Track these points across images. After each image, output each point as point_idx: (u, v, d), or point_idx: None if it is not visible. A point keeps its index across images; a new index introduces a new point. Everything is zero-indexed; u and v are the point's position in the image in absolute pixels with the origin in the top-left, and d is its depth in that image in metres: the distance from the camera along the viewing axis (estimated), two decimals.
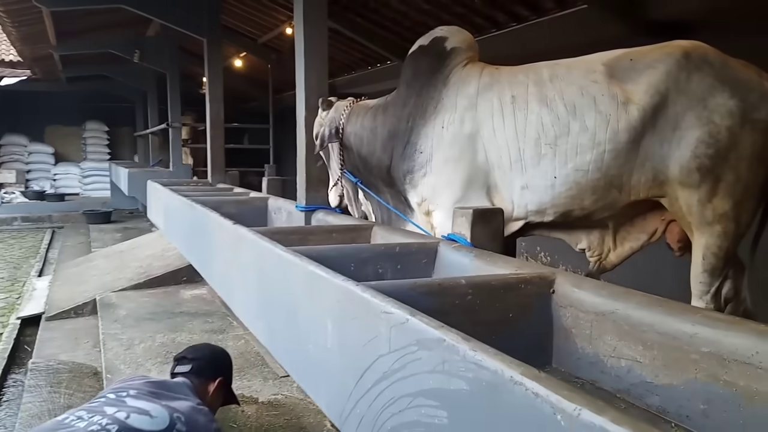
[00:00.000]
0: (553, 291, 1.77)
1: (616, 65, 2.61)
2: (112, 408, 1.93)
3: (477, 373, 0.97)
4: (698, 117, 2.44)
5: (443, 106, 2.87)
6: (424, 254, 2.36)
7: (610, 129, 2.54)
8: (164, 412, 2.00)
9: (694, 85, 2.46)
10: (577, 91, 2.61)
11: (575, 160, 2.59)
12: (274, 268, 2.07)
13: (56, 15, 7.39)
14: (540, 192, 2.67)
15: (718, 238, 2.49)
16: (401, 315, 1.23)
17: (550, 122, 2.63)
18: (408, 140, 2.98)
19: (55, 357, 4.77)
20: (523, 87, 2.74)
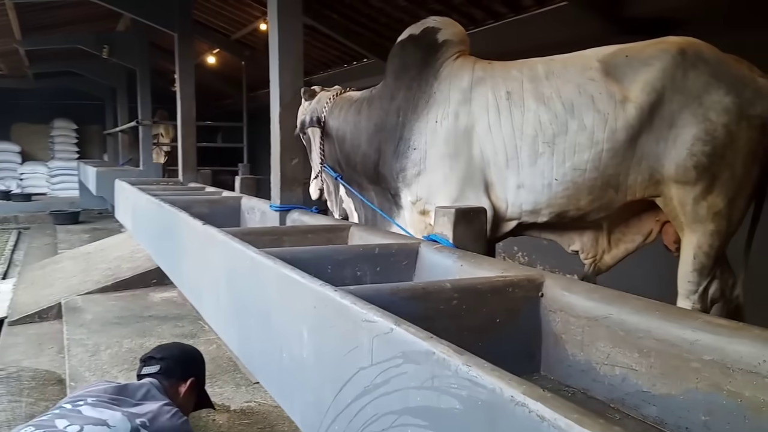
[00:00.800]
0: (541, 294, 1.68)
1: (612, 62, 2.56)
2: (64, 421, 1.80)
3: (472, 391, 0.87)
4: (694, 114, 2.42)
5: (435, 100, 2.76)
6: (404, 255, 2.25)
7: (608, 128, 2.49)
8: (124, 419, 1.87)
9: (690, 82, 2.44)
10: (575, 89, 2.56)
11: (573, 160, 2.54)
12: (246, 271, 1.95)
13: (20, 8, 7.13)
14: (536, 191, 2.61)
15: (710, 236, 2.46)
16: (385, 324, 1.13)
17: (548, 120, 2.57)
18: (400, 136, 2.85)
19: (18, 363, 4.56)
20: (517, 83, 2.67)
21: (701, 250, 2.48)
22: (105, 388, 2.10)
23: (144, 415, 1.93)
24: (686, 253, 2.51)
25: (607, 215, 2.63)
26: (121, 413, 1.89)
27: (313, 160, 3.46)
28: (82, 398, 1.98)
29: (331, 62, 9.30)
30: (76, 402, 1.95)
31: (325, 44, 8.50)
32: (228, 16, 9.17)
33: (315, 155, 3.40)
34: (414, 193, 2.84)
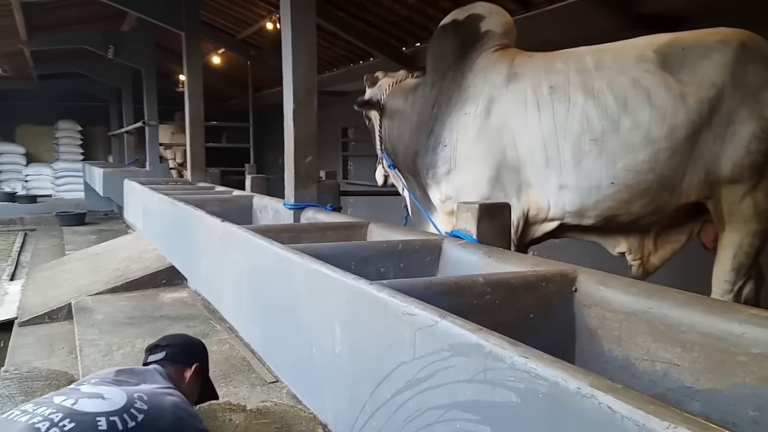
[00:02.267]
0: (575, 289, 1.65)
1: (669, 53, 2.42)
2: (61, 397, 1.77)
3: (531, 384, 0.84)
4: (751, 111, 2.34)
5: (469, 94, 2.67)
6: (427, 252, 2.23)
7: (666, 125, 2.35)
8: (121, 393, 1.83)
9: (749, 77, 2.34)
10: (629, 82, 2.41)
11: (626, 160, 2.39)
12: (271, 267, 1.92)
13: (27, 8, 7.11)
14: (582, 193, 2.47)
15: (752, 236, 2.40)
16: (428, 317, 1.10)
17: (596, 116, 2.42)
18: (432, 129, 2.78)
19: (29, 364, 4.54)
20: (562, 76, 2.55)
21: (742, 250, 2.41)
22: (110, 371, 2.09)
23: (142, 391, 1.90)
24: (726, 252, 2.44)
25: (660, 219, 2.53)
26: (119, 388, 1.87)
27: (375, 145, 3.48)
28: (87, 380, 1.97)
29: (337, 61, 9.27)
30: (80, 383, 1.94)
31: (331, 43, 8.47)
32: (234, 16, 9.15)
33: (376, 141, 3.42)
34: (443, 191, 2.76)
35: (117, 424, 1.69)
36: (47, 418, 1.65)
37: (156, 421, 1.80)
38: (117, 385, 1.90)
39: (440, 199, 2.79)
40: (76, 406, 1.71)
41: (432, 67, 2.89)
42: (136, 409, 1.77)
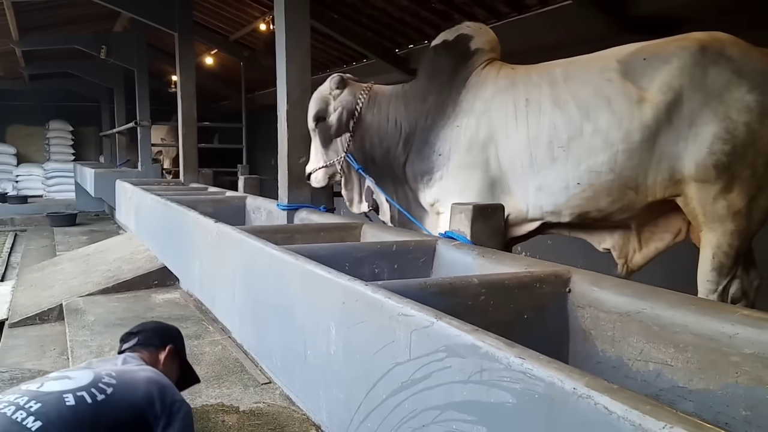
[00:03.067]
0: (569, 290, 1.65)
1: (631, 62, 2.54)
2: (27, 384, 1.76)
3: (527, 384, 0.84)
4: (715, 112, 2.39)
5: (462, 109, 2.86)
6: (421, 253, 2.23)
7: (623, 129, 2.48)
8: (88, 372, 1.80)
9: (709, 79, 2.40)
10: (591, 91, 2.56)
11: (588, 162, 2.54)
12: (265, 268, 1.92)
13: (18, 8, 7.07)
14: (555, 194, 2.64)
15: (730, 236, 2.44)
16: (424, 318, 1.10)
17: (562, 124, 2.58)
18: (426, 139, 2.96)
19: (20, 365, 4.51)
20: (537, 89, 2.69)
21: (720, 250, 2.46)
22: (89, 361, 2.08)
23: (112, 370, 1.86)
24: (705, 252, 2.49)
25: (632, 215, 2.63)
26: (87, 370, 1.84)
27: (328, 148, 3.33)
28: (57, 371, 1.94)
29: (331, 63, 9.27)
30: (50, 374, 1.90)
31: (324, 44, 8.47)
32: (226, 17, 9.13)
33: (337, 145, 3.31)
34: (434, 195, 2.92)
35: (85, 398, 1.67)
36: (12, 403, 1.64)
37: (128, 394, 1.76)
38: (87, 368, 1.88)
39: (430, 202, 2.94)
40: (42, 388, 1.70)
41: (425, 83, 3.04)
42: (104, 384, 1.74)
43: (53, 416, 1.62)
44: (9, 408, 1.63)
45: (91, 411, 1.65)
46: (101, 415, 1.67)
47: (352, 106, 3.22)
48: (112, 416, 1.69)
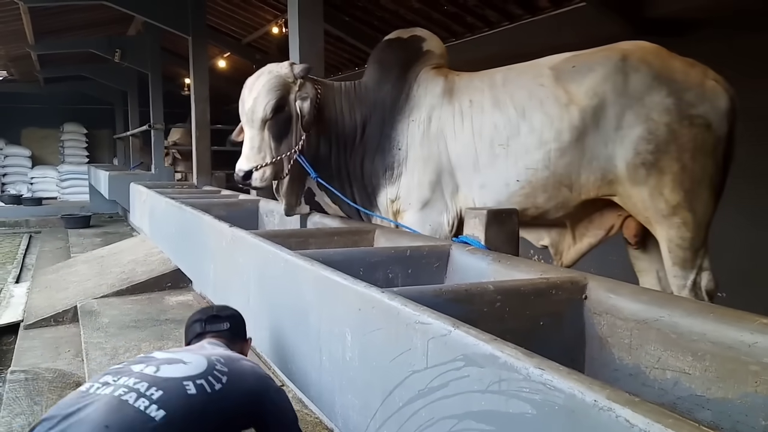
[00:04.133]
0: (585, 297, 1.65)
1: (561, 68, 2.75)
2: (140, 365, 1.64)
3: (547, 396, 0.84)
4: (637, 115, 2.57)
5: (415, 103, 2.93)
6: (435, 258, 2.23)
7: (554, 129, 2.66)
8: (199, 357, 1.68)
9: (631, 85, 2.59)
10: (526, 94, 2.75)
11: (525, 160, 2.71)
12: (280, 273, 1.92)
13: (34, 12, 7.15)
14: (497, 191, 2.78)
15: (678, 229, 2.57)
16: (441, 326, 1.10)
17: (502, 124, 2.76)
18: (386, 133, 2.97)
19: (36, 367, 4.55)
20: (480, 92, 2.87)
21: (673, 243, 2.59)
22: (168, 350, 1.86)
23: (218, 354, 1.74)
24: (662, 248, 2.63)
25: (567, 213, 2.77)
26: (193, 353, 1.71)
27: (282, 143, 2.93)
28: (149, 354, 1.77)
29: (342, 65, 9.29)
30: (147, 355, 1.76)
31: (335, 47, 8.49)
32: (239, 20, 9.18)
33: (291, 140, 2.94)
34: (394, 191, 2.94)
35: (205, 387, 1.58)
36: (132, 389, 1.54)
37: (239, 383, 1.66)
38: (198, 353, 1.74)
39: (391, 198, 2.96)
40: (159, 373, 1.59)
41: (378, 74, 3.06)
42: (218, 371, 1.63)
43: (177, 405, 1.52)
44: (130, 395, 1.53)
45: (208, 400, 1.57)
46: (215, 405, 1.59)
47: (314, 100, 2.95)
48: (224, 406, 1.61)
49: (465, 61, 5.83)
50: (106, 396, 1.53)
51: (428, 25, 6.96)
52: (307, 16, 3.57)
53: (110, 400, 1.51)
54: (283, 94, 2.89)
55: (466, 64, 3.29)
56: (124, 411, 1.49)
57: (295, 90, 2.92)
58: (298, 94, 2.92)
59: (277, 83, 2.89)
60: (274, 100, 2.86)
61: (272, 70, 2.94)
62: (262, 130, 2.91)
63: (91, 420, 1.47)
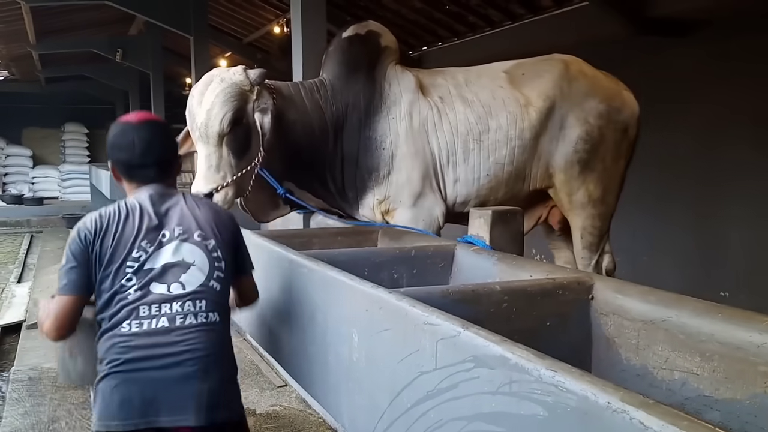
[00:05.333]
0: (591, 297, 1.64)
1: (513, 73, 3.03)
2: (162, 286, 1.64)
3: (559, 398, 0.84)
4: (577, 118, 2.94)
5: (392, 101, 2.93)
6: (440, 258, 2.22)
7: (517, 127, 2.92)
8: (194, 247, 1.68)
9: (573, 91, 2.96)
10: (490, 94, 2.96)
11: (495, 155, 2.93)
12: (286, 273, 1.92)
13: (36, 12, 7.15)
14: (468, 184, 2.95)
15: (591, 218, 3.00)
16: (451, 327, 1.10)
17: (474, 120, 2.92)
18: (363, 134, 2.91)
19: (38, 367, 4.56)
20: (445, 89, 2.99)
21: (586, 231, 3.02)
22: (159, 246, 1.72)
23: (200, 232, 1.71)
24: (575, 233, 3.06)
25: (515, 204, 2.92)
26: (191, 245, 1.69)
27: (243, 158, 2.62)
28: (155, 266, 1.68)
29: None
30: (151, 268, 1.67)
31: None
32: (240, 20, 9.18)
33: (253, 152, 2.64)
34: (382, 192, 2.91)
35: (220, 275, 1.67)
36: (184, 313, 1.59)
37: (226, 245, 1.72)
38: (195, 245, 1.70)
39: (379, 199, 2.92)
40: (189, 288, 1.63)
41: (344, 73, 2.94)
42: (216, 253, 1.69)
43: (216, 300, 1.66)
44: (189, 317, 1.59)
45: (225, 279, 1.71)
46: (228, 275, 1.73)
47: (273, 110, 2.66)
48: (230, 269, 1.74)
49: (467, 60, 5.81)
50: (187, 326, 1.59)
51: (429, 24, 6.96)
52: (310, 15, 3.56)
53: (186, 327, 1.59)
54: (240, 104, 2.56)
55: (469, 64, 3.27)
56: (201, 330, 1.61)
57: (252, 99, 2.61)
58: (256, 103, 2.62)
59: (233, 92, 2.54)
60: (231, 113, 2.52)
61: (224, 77, 2.59)
62: (219, 147, 2.56)
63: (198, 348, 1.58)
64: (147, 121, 1.87)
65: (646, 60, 5.03)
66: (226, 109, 2.51)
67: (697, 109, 4.78)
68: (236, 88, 2.56)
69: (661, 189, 5.02)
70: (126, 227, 1.69)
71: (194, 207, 1.78)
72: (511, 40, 6.01)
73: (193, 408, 1.54)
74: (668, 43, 4.89)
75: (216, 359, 1.62)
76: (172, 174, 1.87)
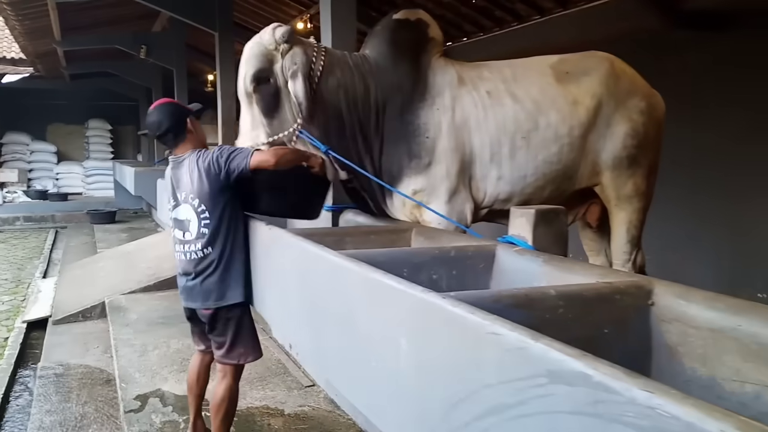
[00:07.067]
0: (651, 303, 1.55)
1: (559, 69, 2.99)
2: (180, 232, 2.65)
3: (657, 422, 0.75)
4: (623, 115, 2.96)
5: (437, 91, 2.87)
6: (480, 258, 2.14)
7: (567, 125, 2.89)
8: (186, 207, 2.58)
9: (619, 89, 2.97)
10: (539, 90, 2.92)
11: (544, 153, 2.88)
12: (324, 275, 1.85)
13: (62, 8, 7.17)
14: (513, 182, 2.89)
15: (637, 212, 3.04)
16: (518, 338, 1.01)
17: (523, 117, 2.86)
18: (404, 118, 2.82)
19: (65, 363, 4.56)
20: (493, 83, 2.92)
21: (632, 225, 3.04)
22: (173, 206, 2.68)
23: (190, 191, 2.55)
24: (620, 228, 3.06)
25: (560, 203, 2.88)
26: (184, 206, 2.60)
27: (274, 118, 2.68)
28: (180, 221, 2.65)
29: None
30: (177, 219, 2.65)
31: (361, 42, 8.41)
32: (263, 16, 9.13)
33: (287, 114, 2.68)
34: (420, 182, 2.81)
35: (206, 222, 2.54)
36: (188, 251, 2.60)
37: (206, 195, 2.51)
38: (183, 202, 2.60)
39: (415, 189, 2.82)
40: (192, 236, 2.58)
41: (391, 53, 2.86)
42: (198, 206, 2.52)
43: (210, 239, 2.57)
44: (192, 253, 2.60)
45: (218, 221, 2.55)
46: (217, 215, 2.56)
47: (307, 68, 2.64)
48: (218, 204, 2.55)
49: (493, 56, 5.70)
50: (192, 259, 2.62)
51: (455, 19, 6.84)
52: (341, 13, 3.49)
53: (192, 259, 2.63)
54: (263, 64, 2.61)
55: (495, 60, 3.17)
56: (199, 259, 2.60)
57: (278, 58, 2.63)
58: (284, 64, 2.62)
59: (257, 52, 2.63)
60: (252, 70, 2.61)
61: (257, 37, 2.69)
62: (250, 105, 2.71)
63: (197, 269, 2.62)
64: (155, 105, 2.67)
65: (682, 55, 4.88)
66: (248, 68, 2.66)
67: (734, 105, 4.62)
68: (260, 47, 2.65)
69: (694, 185, 4.87)
70: (166, 187, 2.70)
71: (192, 169, 2.54)
72: (540, 35, 5.87)
73: (198, 298, 2.63)
74: (704, 38, 4.74)
75: (212, 272, 2.57)
76: (176, 144, 2.62)
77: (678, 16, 4.66)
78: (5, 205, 12.88)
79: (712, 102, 4.73)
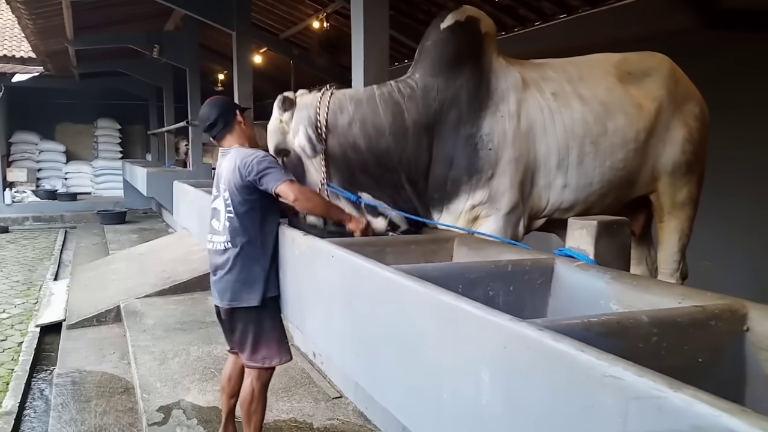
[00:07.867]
0: (746, 328, 1.42)
1: (621, 69, 2.85)
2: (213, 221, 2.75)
3: None
4: (680, 120, 2.86)
5: (499, 97, 2.65)
6: (538, 273, 2.01)
7: (634, 129, 2.74)
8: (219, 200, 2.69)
9: (678, 93, 2.88)
10: (605, 91, 2.75)
11: (611, 159, 2.73)
12: (379, 293, 1.72)
13: (75, 7, 7.06)
14: (579, 190, 2.73)
15: (688, 220, 2.96)
16: (650, 386, 0.88)
17: (592, 120, 2.69)
18: (462, 132, 2.62)
19: (81, 369, 4.44)
20: (557, 84, 2.74)
21: (684, 233, 2.96)
22: None
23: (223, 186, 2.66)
24: (672, 237, 2.97)
25: (616, 211, 2.78)
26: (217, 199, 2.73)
27: (306, 179, 2.73)
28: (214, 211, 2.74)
29: None
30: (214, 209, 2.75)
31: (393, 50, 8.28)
32: (278, 15, 9.02)
33: (312, 170, 2.70)
34: (479, 196, 2.65)
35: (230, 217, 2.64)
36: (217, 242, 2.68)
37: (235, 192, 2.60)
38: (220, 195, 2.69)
39: (472, 204, 2.65)
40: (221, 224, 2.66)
41: (439, 67, 2.66)
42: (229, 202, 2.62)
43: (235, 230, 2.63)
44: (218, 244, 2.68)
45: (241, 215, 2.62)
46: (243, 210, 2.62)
47: (313, 117, 2.63)
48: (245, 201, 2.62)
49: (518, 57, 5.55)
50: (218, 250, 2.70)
51: None
52: (374, 8, 3.37)
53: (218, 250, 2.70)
54: (278, 138, 2.73)
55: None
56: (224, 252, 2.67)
57: (286, 130, 2.70)
58: (291, 129, 2.68)
59: (271, 130, 2.75)
60: (272, 148, 2.76)
61: (272, 118, 2.80)
62: None
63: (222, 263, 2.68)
64: (208, 101, 2.82)
65: (715, 55, 4.73)
66: (270, 145, 2.79)
67: None
68: (274, 123, 2.75)
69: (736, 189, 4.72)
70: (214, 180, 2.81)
71: (232, 164, 2.61)
72: (566, 34, 5.73)
73: (217, 295, 2.71)
74: (741, 38, 4.58)
75: (230, 269, 2.62)
76: (223, 135, 2.73)
77: (713, 15, 4.52)
78: (14, 205, 12.79)
79: (749, 102, 4.58)
